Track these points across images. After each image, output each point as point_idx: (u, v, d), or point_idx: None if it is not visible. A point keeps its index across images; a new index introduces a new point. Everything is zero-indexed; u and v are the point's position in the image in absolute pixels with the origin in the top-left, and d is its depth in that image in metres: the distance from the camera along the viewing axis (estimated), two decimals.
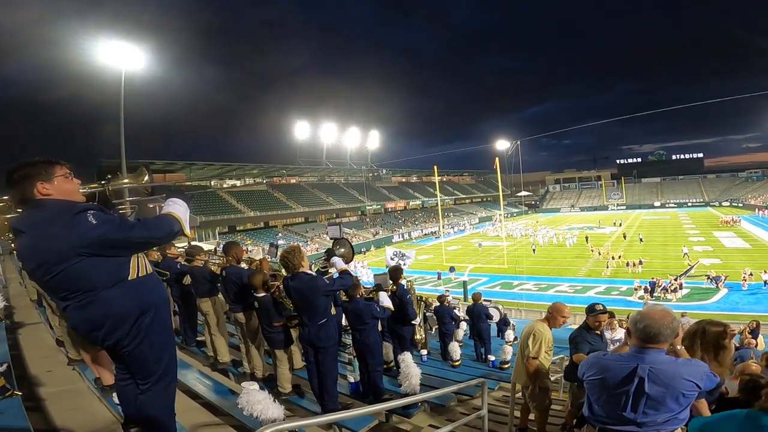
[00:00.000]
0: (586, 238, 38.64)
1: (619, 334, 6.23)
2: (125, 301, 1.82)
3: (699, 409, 2.20)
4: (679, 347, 2.52)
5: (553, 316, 3.97)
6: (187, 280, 5.25)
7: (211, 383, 3.72)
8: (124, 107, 24.08)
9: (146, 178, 2.29)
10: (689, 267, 21.97)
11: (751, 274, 20.20)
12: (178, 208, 1.95)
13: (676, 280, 20.37)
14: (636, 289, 20.46)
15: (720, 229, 40.08)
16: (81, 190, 1.96)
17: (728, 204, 63.38)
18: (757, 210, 49.70)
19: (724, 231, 38.50)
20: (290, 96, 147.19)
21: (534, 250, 35.17)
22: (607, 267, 26.27)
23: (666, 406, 1.90)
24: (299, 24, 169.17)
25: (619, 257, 27.90)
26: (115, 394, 2.47)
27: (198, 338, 5.87)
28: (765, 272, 19.83)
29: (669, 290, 19.65)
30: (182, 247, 6.72)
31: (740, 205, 59.64)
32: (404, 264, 8.24)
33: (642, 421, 1.94)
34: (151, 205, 2.41)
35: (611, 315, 9.95)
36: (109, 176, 2.21)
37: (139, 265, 1.91)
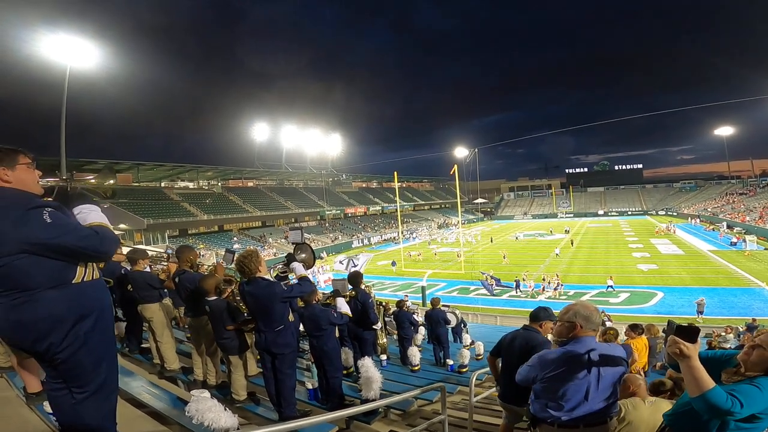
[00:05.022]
0: (491, 239, 47.82)
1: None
2: (63, 305, 1.67)
3: None
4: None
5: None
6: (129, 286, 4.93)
7: (158, 391, 3.47)
8: (67, 103, 22.55)
9: (113, 180, 2.16)
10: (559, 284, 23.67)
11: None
12: (105, 218, 1.88)
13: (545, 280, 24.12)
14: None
15: (656, 236, 43.14)
16: (40, 183, 1.85)
17: (664, 213, 68.43)
18: (690, 219, 53.95)
19: (660, 238, 41.47)
20: (249, 97, 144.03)
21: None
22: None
23: (613, 388, 2.12)
24: (260, 24, 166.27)
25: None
26: (46, 402, 2.27)
27: (142, 345, 5.52)
28: (610, 278, 23.06)
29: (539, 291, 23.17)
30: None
31: (675, 214, 64.45)
32: (355, 267, 8.39)
33: (598, 408, 2.09)
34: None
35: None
36: (74, 171, 2.11)
37: (87, 269, 1.78)
